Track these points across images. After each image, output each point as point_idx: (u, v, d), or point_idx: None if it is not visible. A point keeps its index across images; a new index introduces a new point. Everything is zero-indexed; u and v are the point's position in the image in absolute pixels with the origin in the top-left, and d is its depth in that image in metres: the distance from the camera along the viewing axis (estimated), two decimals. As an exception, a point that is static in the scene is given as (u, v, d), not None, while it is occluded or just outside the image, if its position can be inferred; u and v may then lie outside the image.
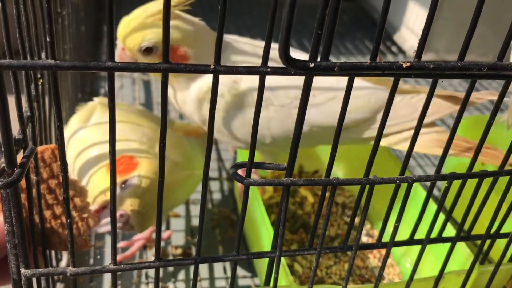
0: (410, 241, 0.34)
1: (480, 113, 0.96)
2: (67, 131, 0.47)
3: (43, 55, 0.33)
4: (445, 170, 0.68)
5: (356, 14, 1.40)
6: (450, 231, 0.45)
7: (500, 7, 1.06)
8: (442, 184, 0.69)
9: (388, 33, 1.26)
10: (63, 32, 0.48)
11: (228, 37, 0.47)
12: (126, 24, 0.43)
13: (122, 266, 0.30)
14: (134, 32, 0.42)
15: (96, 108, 0.48)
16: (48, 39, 0.22)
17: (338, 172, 0.65)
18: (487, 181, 0.33)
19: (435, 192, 0.70)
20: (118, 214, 0.43)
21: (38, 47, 0.34)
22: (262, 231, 0.47)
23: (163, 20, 0.21)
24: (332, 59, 0.24)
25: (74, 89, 0.61)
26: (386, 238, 0.32)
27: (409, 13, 1.18)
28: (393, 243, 0.32)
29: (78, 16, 0.61)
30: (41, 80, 0.33)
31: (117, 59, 0.42)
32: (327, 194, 0.29)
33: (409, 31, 1.17)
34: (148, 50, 0.42)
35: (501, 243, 0.37)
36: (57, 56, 0.46)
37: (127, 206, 0.41)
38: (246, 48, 0.46)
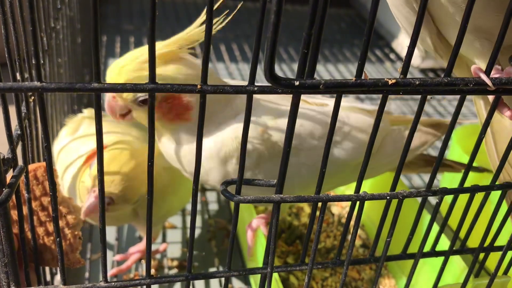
0: (403, 256, 0.34)
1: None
2: (57, 144, 0.48)
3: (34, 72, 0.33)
4: (442, 180, 0.68)
5: (353, 21, 1.41)
6: (445, 243, 0.45)
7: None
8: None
9: (387, 40, 1.26)
10: (57, 46, 0.49)
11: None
12: (118, 71, 0.38)
13: (113, 283, 0.30)
14: (128, 81, 0.37)
15: (84, 120, 0.49)
16: (33, 62, 0.22)
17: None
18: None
19: (433, 201, 0.70)
20: (94, 195, 0.41)
21: (29, 63, 0.34)
22: (256, 244, 0.47)
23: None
24: (330, 67, 0.25)
25: (70, 101, 0.61)
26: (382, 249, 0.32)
27: (407, 20, 1.18)
28: (385, 258, 0.32)
29: (74, 29, 0.61)
30: (32, 97, 0.33)
31: (106, 108, 0.41)
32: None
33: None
34: (144, 101, 0.39)
35: (498, 252, 0.37)
36: (51, 71, 0.46)
37: (92, 176, 0.41)
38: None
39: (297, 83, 0.23)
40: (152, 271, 0.30)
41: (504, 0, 0.28)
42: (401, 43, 1.19)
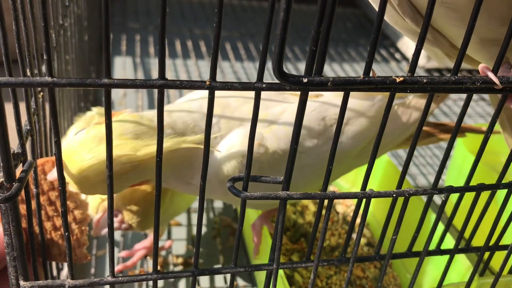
0: (408, 254, 0.34)
1: (484, 120, 0.96)
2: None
3: (43, 68, 0.34)
4: (446, 179, 0.68)
5: (359, 20, 1.41)
6: (450, 242, 0.45)
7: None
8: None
9: (392, 40, 1.26)
10: (65, 43, 0.49)
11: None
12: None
13: (120, 278, 0.30)
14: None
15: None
16: (45, 57, 0.22)
17: (343, 182, 0.65)
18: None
19: (438, 201, 0.70)
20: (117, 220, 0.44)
21: (38, 59, 0.34)
22: (262, 241, 0.47)
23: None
24: (336, 66, 0.25)
25: (77, 98, 0.61)
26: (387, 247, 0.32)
27: (413, 20, 1.18)
28: (391, 256, 0.32)
29: (81, 26, 0.62)
30: (41, 93, 0.33)
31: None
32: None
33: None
34: None
35: (503, 252, 0.37)
36: (59, 67, 0.47)
37: (117, 204, 0.43)
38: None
39: (305, 80, 0.23)
40: (158, 268, 0.30)
41: (506, 12, 0.29)
42: (406, 43, 1.19)
